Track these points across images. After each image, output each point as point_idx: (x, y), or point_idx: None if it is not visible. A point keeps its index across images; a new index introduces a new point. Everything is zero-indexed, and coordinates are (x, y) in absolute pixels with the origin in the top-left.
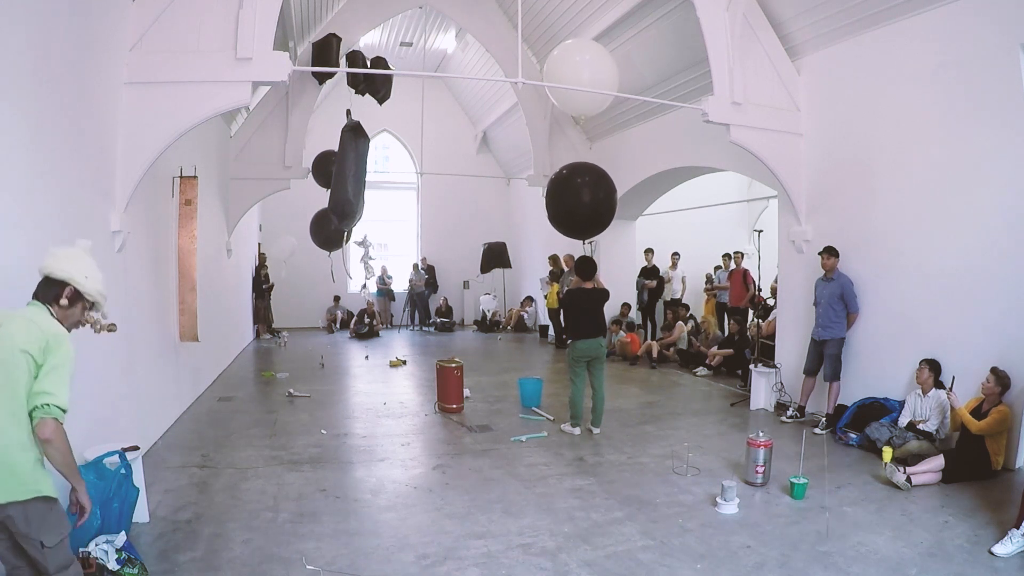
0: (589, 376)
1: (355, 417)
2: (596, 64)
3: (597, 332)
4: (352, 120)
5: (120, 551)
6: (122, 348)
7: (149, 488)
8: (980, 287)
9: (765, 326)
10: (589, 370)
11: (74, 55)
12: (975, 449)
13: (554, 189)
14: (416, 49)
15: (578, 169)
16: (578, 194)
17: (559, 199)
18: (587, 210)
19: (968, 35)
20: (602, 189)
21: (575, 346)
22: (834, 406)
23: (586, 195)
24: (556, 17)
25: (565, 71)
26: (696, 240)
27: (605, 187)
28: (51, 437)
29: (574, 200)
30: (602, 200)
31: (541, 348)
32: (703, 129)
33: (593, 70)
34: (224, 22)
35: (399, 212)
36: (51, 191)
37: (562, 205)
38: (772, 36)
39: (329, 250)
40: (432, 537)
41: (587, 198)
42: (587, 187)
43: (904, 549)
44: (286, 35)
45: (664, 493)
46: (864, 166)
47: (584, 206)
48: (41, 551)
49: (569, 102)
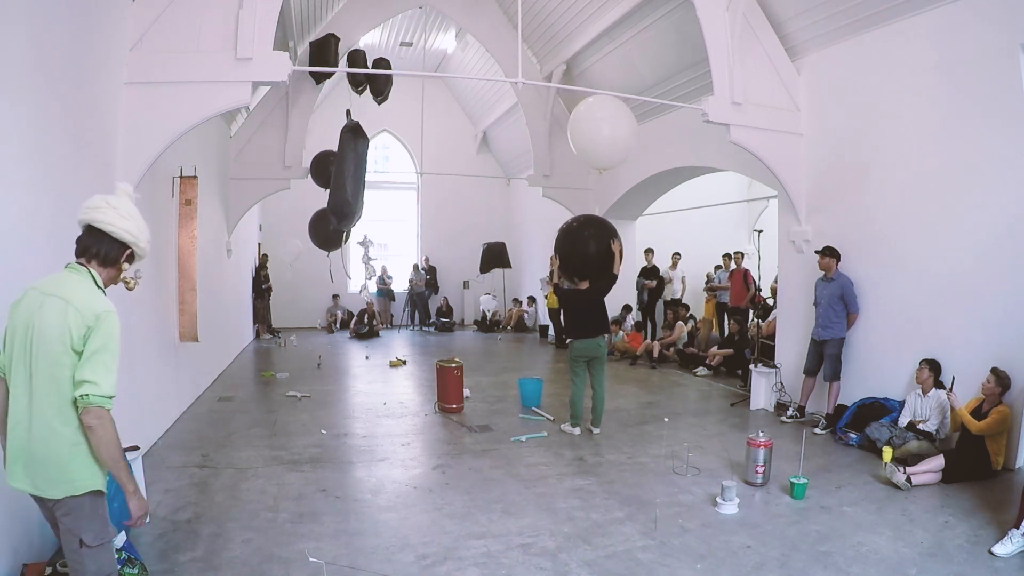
0: (589, 376)
1: (355, 417)
2: (616, 120)
3: (596, 331)
4: (352, 120)
5: (120, 551)
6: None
7: (149, 488)
8: (980, 287)
9: (765, 326)
10: (589, 370)
11: (74, 55)
12: (975, 449)
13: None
14: (416, 49)
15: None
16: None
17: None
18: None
19: (968, 35)
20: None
21: (573, 346)
22: (834, 406)
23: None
24: (556, 17)
25: (586, 127)
26: (696, 240)
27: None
28: (92, 424)
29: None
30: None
31: (541, 348)
32: (703, 129)
33: (612, 126)
34: (224, 22)
35: (399, 212)
36: (51, 191)
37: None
38: (772, 36)
39: (328, 250)
40: (432, 537)
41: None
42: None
43: (904, 549)
44: (286, 35)
45: (664, 493)
46: (864, 166)
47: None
48: (79, 551)
49: (590, 156)
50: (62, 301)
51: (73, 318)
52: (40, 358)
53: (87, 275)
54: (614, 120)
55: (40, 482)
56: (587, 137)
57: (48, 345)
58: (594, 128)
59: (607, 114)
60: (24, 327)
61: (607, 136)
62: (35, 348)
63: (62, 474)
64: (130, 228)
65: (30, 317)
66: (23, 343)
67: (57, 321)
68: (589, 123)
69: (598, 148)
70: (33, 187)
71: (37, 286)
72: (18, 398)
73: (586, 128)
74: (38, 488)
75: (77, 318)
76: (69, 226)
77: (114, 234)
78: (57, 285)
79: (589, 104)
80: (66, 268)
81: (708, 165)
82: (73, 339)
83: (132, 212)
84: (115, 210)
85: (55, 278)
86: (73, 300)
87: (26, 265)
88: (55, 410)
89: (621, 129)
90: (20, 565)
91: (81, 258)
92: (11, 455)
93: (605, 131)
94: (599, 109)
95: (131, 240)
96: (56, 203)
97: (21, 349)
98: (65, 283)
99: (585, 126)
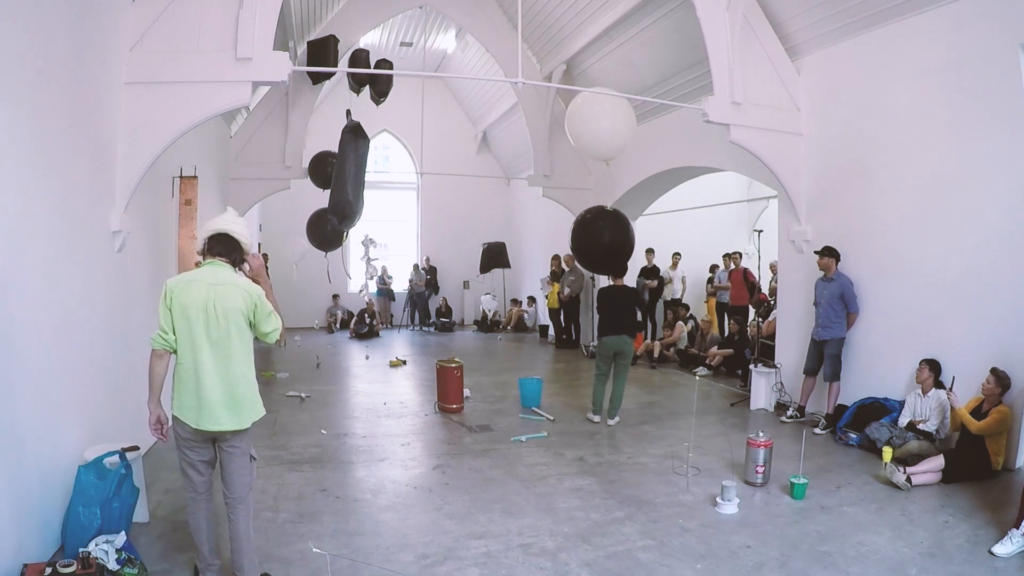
0: (613, 370)
1: (355, 417)
2: (615, 112)
3: (623, 330)
4: (352, 121)
5: (120, 551)
6: (122, 348)
7: (149, 488)
8: (980, 287)
9: (765, 326)
10: (614, 365)
11: (74, 55)
12: (975, 449)
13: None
14: (416, 49)
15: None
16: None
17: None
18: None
19: (968, 35)
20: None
21: (602, 341)
22: (834, 406)
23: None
24: (556, 17)
25: (586, 121)
26: (696, 240)
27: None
28: (275, 340)
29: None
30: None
31: (541, 348)
32: (703, 129)
33: (612, 119)
34: (224, 22)
35: (399, 212)
36: (51, 191)
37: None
38: (772, 36)
39: (325, 250)
40: (432, 537)
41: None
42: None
43: (904, 549)
44: (286, 35)
45: (664, 493)
46: (864, 166)
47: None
48: (249, 464)
49: (590, 149)
50: (236, 287)
51: (246, 298)
52: (232, 327)
53: (230, 268)
54: (613, 113)
55: (242, 417)
56: (588, 131)
57: (236, 316)
58: (593, 123)
59: (605, 107)
60: (202, 308)
61: (607, 128)
62: (222, 321)
63: (253, 406)
64: (247, 235)
65: (207, 300)
66: (204, 320)
67: (239, 300)
68: (588, 118)
69: (598, 141)
70: (33, 187)
71: (199, 278)
72: (203, 363)
73: (585, 124)
74: (241, 423)
75: (247, 297)
76: (69, 226)
77: (240, 239)
78: (217, 276)
79: (585, 98)
80: (210, 264)
81: (708, 165)
82: (248, 310)
83: (244, 223)
84: (238, 223)
85: (212, 272)
86: (240, 285)
87: (27, 264)
88: (243, 359)
89: (620, 121)
90: (20, 565)
91: (221, 257)
92: (212, 406)
93: (605, 124)
94: (595, 103)
95: (247, 245)
96: (56, 203)
97: (203, 325)
98: (223, 275)
99: (584, 122)
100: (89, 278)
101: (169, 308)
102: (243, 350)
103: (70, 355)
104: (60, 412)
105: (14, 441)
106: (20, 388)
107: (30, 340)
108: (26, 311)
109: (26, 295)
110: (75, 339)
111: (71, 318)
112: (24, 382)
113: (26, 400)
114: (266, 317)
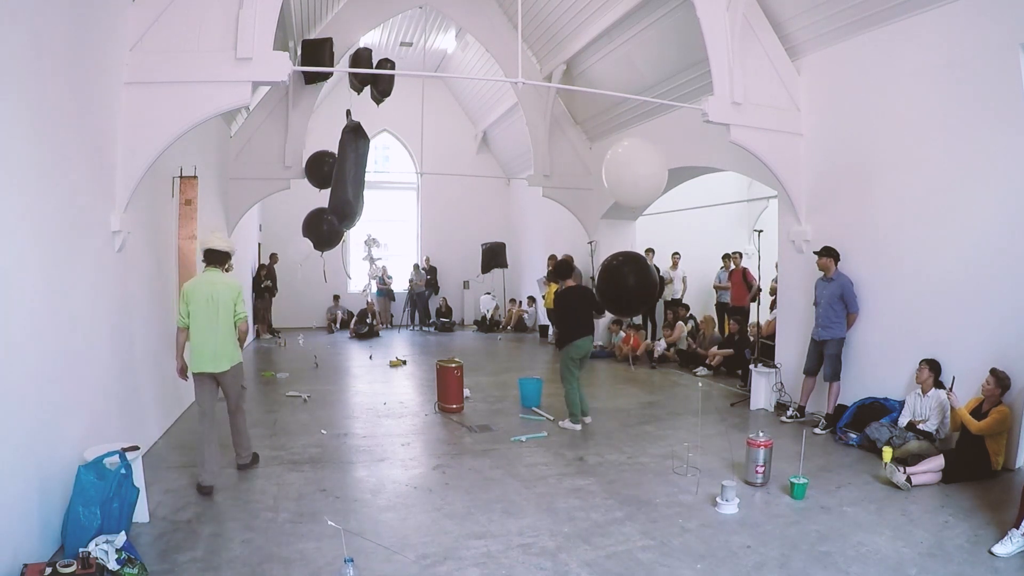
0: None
1: (355, 417)
2: (649, 161)
3: (591, 330)
4: (352, 121)
5: (120, 551)
6: (122, 348)
7: (149, 488)
8: (980, 287)
9: (765, 326)
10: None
11: (74, 55)
12: (975, 449)
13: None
14: (416, 49)
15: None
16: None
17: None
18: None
19: (968, 35)
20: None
21: (575, 345)
22: (834, 406)
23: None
24: (556, 17)
25: (621, 169)
26: (696, 240)
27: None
28: (245, 328)
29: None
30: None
31: (541, 348)
32: (703, 129)
33: (648, 166)
34: (224, 22)
35: (399, 212)
36: (51, 191)
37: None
38: (772, 36)
39: (321, 251)
40: (432, 537)
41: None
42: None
43: (904, 549)
44: (286, 35)
45: (664, 493)
46: (864, 166)
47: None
48: (242, 391)
49: (625, 198)
50: (225, 285)
51: (234, 289)
52: (222, 309)
53: (220, 272)
54: (650, 164)
55: (225, 362)
56: (621, 177)
57: (226, 302)
58: (631, 173)
59: (643, 156)
60: (206, 298)
61: (641, 175)
62: (218, 306)
63: (232, 357)
64: (229, 245)
65: (209, 293)
66: (207, 305)
67: (228, 292)
68: (626, 167)
69: (632, 191)
70: (33, 187)
71: (203, 280)
72: (204, 330)
73: (623, 172)
74: (223, 367)
75: (235, 288)
76: (69, 226)
77: (221, 249)
78: (213, 279)
79: (625, 147)
80: (209, 270)
81: (708, 165)
82: (234, 300)
83: (225, 237)
84: (220, 239)
85: (209, 277)
86: (226, 282)
87: (27, 264)
88: (229, 328)
89: (657, 174)
90: (20, 565)
91: (214, 265)
92: (209, 356)
93: (642, 171)
94: (635, 151)
95: (229, 250)
96: (56, 203)
97: (206, 308)
98: (217, 277)
99: (622, 170)
100: (89, 278)
101: (186, 302)
102: (227, 324)
103: (70, 355)
104: (60, 412)
105: (14, 441)
106: (20, 388)
107: (30, 340)
108: (26, 311)
109: (26, 295)
110: (75, 339)
111: (71, 318)
112: (24, 382)
113: (26, 400)
114: (241, 303)
